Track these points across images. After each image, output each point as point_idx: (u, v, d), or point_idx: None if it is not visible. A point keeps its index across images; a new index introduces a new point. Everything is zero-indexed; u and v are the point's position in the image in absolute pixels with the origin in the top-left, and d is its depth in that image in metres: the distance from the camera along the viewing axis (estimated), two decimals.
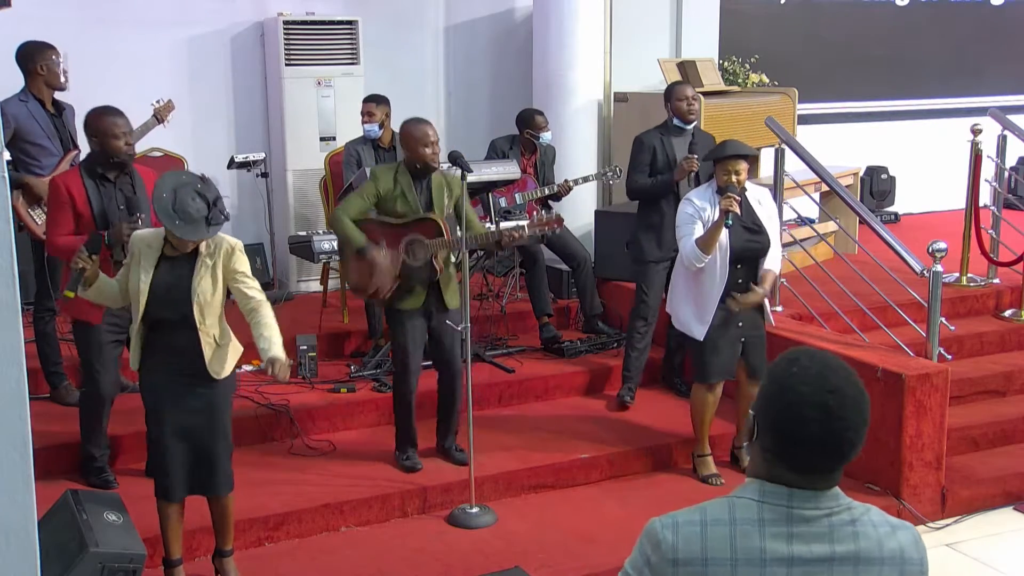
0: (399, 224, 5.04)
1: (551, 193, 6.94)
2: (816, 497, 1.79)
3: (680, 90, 5.99)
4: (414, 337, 5.06)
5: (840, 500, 1.82)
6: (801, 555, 1.77)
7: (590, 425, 5.75)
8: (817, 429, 1.74)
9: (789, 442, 1.77)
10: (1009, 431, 5.86)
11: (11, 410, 2.02)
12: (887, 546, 1.82)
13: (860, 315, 6.10)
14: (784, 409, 1.77)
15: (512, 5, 8.45)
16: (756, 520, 1.78)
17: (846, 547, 1.79)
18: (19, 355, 2.02)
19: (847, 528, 1.80)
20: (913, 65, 10.02)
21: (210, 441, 4.06)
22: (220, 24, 7.56)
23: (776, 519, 1.78)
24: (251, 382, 5.74)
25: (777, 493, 1.79)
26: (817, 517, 1.79)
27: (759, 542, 1.76)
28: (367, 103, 6.55)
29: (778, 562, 1.76)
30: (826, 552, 1.78)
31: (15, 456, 2.03)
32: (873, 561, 1.80)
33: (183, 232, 3.87)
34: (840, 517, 1.80)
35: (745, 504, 1.80)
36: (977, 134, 7.02)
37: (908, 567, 1.83)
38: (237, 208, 7.71)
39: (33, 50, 5.44)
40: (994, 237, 7.23)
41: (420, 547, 4.67)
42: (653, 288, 5.95)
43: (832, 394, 1.76)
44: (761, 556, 1.76)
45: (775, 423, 1.78)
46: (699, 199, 5.05)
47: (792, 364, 1.81)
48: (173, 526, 4.14)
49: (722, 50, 8.65)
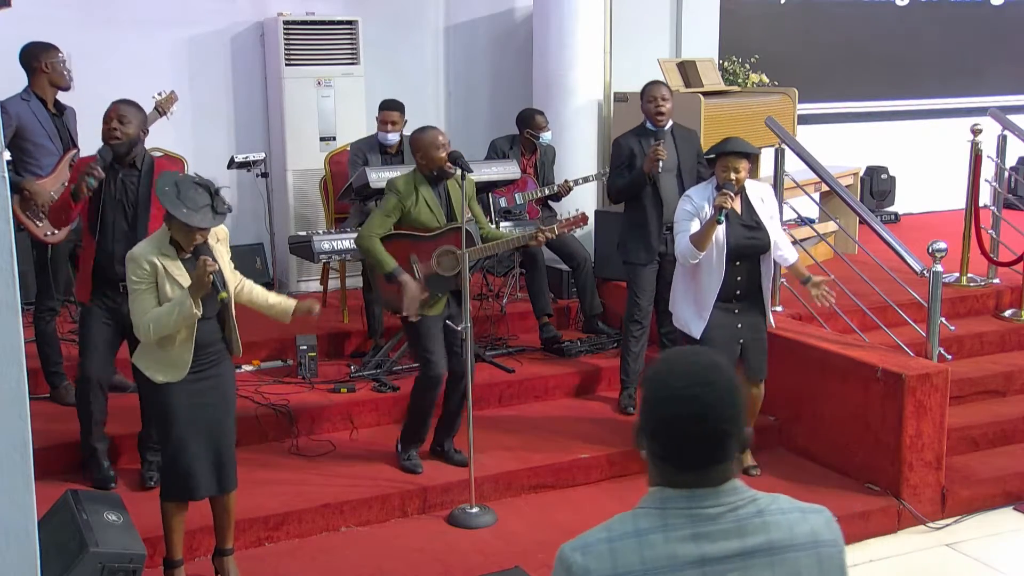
0: (428, 237, 5.05)
1: (551, 193, 6.94)
2: (716, 494, 1.78)
3: (649, 91, 5.93)
4: (440, 343, 5.05)
5: (742, 493, 1.80)
6: (712, 554, 1.75)
7: (590, 425, 5.75)
8: (693, 425, 1.75)
9: (670, 442, 1.77)
10: (1009, 431, 5.86)
11: (11, 410, 2.02)
12: (798, 531, 1.80)
13: (860, 315, 6.10)
14: (659, 408, 1.78)
15: (512, 5, 8.45)
16: (661, 527, 1.76)
17: (757, 539, 1.77)
18: (19, 355, 2.03)
19: (755, 520, 1.78)
20: (913, 65, 10.02)
21: (225, 434, 4.10)
22: (220, 24, 7.56)
23: (680, 523, 1.76)
24: (251, 382, 5.74)
25: (676, 497, 1.78)
26: (721, 513, 1.77)
27: (667, 548, 1.75)
28: (390, 111, 6.51)
29: (689, 565, 1.74)
30: (737, 547, 1.76)
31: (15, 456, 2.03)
32: (787, 548, 1.78)
33: (191, 219, 3.84)
34: (746, 510, 1.79)
35: (647, 513, 1.79)
36: (977, 134, 7.02)
37: (823, 549, 1.81)
38: (237, 208, 7.70)
39: (37, 49, 5.44)
40: (994, 237, 7.23)
41: (420, 547, 4.67)
42: (645, 291, 5.91)
43: (703, 387, 1.76)
44: (671, 562, 1.74)
45: (655, 425, 1.79)
46: (698, 196, 5.04)
47: (662, 363, 1.83)
48: (179, 527, 4.15)
49: (722, 50, 8.64)
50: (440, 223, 5.07)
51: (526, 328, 6.79)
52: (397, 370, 6.04)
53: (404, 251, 5.05)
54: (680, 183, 5.78)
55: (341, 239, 6.14)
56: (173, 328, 3.90)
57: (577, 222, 5.27)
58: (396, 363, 6.07)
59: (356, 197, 6.35)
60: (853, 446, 5.36)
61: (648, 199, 5.83)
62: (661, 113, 5.86)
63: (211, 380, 4.05)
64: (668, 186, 5.78)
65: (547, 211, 7.16)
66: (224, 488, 4.15)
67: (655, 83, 6.03)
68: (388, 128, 6.51)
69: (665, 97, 5.88)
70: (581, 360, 6.42)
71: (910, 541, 5.09)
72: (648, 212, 5.82)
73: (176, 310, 3.85)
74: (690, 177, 5.82)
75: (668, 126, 5.93)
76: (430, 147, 5.01)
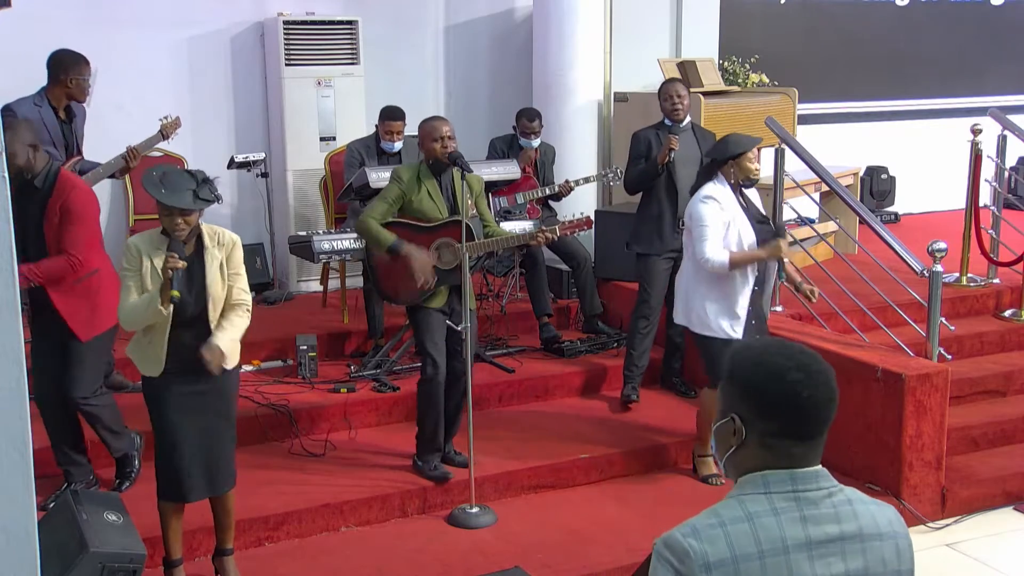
0: (427, 228, 5.03)
1: (552, 193, 6.94)
2: (816, 476, 1.86)
3: (666, 88, 6.00)
4: (441, 337, 5.02)
5: (832, 480, 1.89)
6: (817, 537, 1.83)
7: (590, 425, 5.75)
8: (806, 389, 1.83)
9: (791, 410, 1.84)
10: (1009, 431, 5.87)
11: (11, 410, 2.02)
12: (880, 521, 1.89)
13: (860, 315, 6.10)
14: (776, 382, 1.84)
15: (512, 5, 8.45)
16: (770, 511, 1.83)
17: (850, 525, 1.85)
18: (19, 355, 2.02)
19: (847, 507, 1.87)
20: (913, 65, 10.02)
21: (221, 439, 4.08)
22: (220, 24, 7.55)
23: (787, 506, 1.83)
24: (251, 382, 5.74)
25: (780, 480, 1.85)
26: (821, 498, 1.85)
27: (779, 531, 1.81)
28: (394, 122, 6.50)
29: (799, 547, 1.81)
30: (836, 532, 1.84)
31: (15, 456, 2.02)
32: (874, 537, 1.87)
33: (167, 198, 3.82)
34: (839, 497, 1.87)
35: (754, 499, 1.85)
36: (977, 134, 7.02)
37: (900, 540, 1.91)
38: (237, 208, 7.71)
39: (69, 62, 5.40)
40: (994, 237, 7.23)
41: (420, 547, 4.67)
42: (656, 285, 5.92)
43: (808, 357, 1.87)
44: (784, 544, 1.80)
45: (771, 399, 1.84)
46: (724, 199, 4.91)
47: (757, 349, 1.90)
48: (176, 527, 4.15)
49: (722, 50, 8.65)
50: (442, 215, 5.05)
51: (526, 328, 6.79)
52: (397, 370, 6.04)
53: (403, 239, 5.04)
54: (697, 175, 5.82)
55: (341, 239, 6.15)
56: (144, 322, 3.91)
57: (580, 225, 5.24)
58: (396, 363, 6.07)
59: (356, 197, 6.35)
60: (853, 446, 5.35)
61: (663, 191, 5.88)
62: (678, 109, 5.92)
63: (207, 387, 4.01)
64: (686, 178, 5.75)
65: (547, 211, 7.16)
66: (220, 489, 4.14)
67: (671, 81, 6.12)
68: (393, 138, 6.52)
69: (681, 94, 5.95)
70: (581, 360, 6.42)
71: None
72: (663, 204, 5.87)
73: (146, 305, 3.85)
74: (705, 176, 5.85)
75: (687, 122, 5.99)
76: (427, 137, 5.00)
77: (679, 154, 5.82)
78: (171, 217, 3.86)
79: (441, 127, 4.99)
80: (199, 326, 3.98)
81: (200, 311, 3.98)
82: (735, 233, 4.87)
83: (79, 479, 4.70)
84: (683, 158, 5.84)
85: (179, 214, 3.86)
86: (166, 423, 4.00)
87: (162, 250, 3.92)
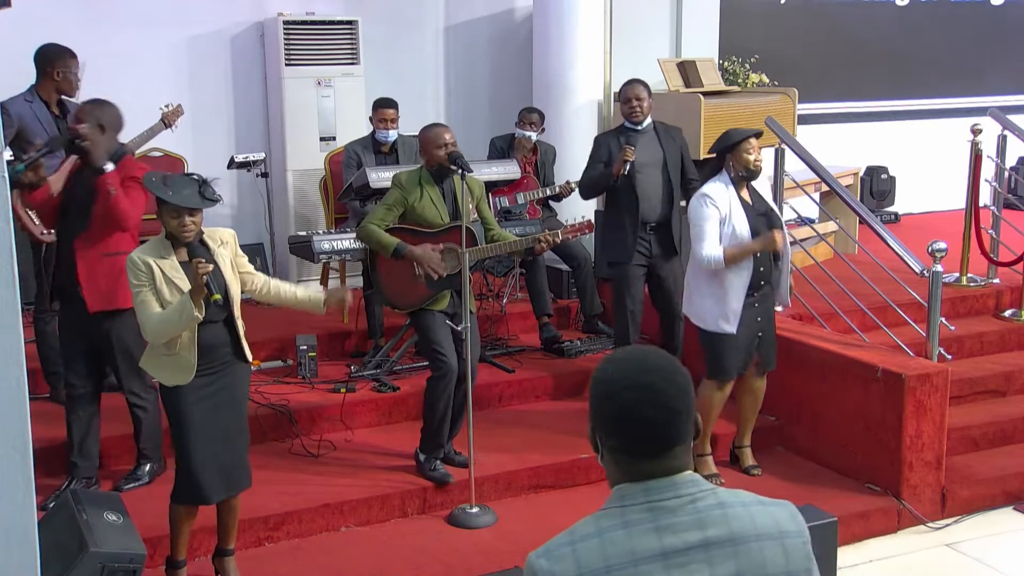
0: (430, 234, 5.03)
1: (552, 194, 6.94)
2: (674, 485, 1.80)
3: (624, 91, 5.93)
4: (448, 336, 5.02)
5: (701, 485, 1.82)
6: (674, 546, 1.77)
7: None
8: (647, 407, 1.78)
9: (627, 428, 1.80)
10: (1009, 431, 5.87)
11: (11, 410, 2.02)
12: (761, 522, 1.81)
13: (860, 315, 6.10)
14: (608, 401, 1.81)
15: (512, 5, 8.45)
16: (621, 524, 1.78)
17: (718, 530, 1.78)
18: (19, 355, 2.02)
19: (715, 512, 1.80)
20: (913, 65, 10.02)
21: (239, 438, 4.11)
22: (220, 24, 7.55)
23: (640, 518, 1.78)
24: (251, 382, 5.70)
25: (634, 492, 1.80)
26: (681, 505, 1.79)
27: (628, 544, 1.77)
28: (387, 109, 6.49)
29: (652, 558, 1.76)
30: (698, 539, 1.77)
31: (15, 456, 2.03)
32: (749, 539, 1.79)
33: (176, 199, 3.82)
34: (706, 502, 1.80)
35: (608, 513, 1.81)
36: (977, 134, 7.01)
37: (788, 540, 1.82)
38: (237, 208, 7.71)
39: (54, 54, 5.39)
40: (994, 237, 7.23)
41: (420, 547, 4.67)
42: (631, 292, 5.84)
43: (648, 373, 1.80)
44: (633, 557, 1.76)
45: (607, 418, 1.82)
46: (718, 196, 4.97)
47: (606, 363, 1.87)
48: (186, 530, 4.16)
49: (722, 50, 8.64)
50: (444, 220, 5.06)
51: (526, 328, 6.79)
52: (397, 370, 6.04)
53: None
54: (666, 177, 5.82)
55: (341, 239, 6.14)
56: (178, 331, 3.89)
57: (582, 229, 5.24)
58: (396, 363, 6.07)
59: (356, 197, 6.35)
60: (853, 446, 5.36)
61: (623, 198, 5.82)
62: (636, 111, 5.84)
63: (223, 384, 4.03)
64: (650, 181, 5.77)
65: (548, 211, 7.16)
66: (234, 491, 4.14)
67: (629, 83, 5.99)
68: (387, 126, 6.50)
69: (640, 96, 5.86)
70: (581, 360, 6.42)
71: (910, 541, 5.09)
72: (622, 212, 5.83)
73: (179, 313, 3.83)
74: (676, 171, 5.86)
75: (648, 123, 5.92)
76: (430, 144, 5.01)
77: (639, 159, 5.75)
78: (179, 218, 3.86)
79: (444, 134, 5.00)
80: (220, 325, 4.00)
81: (223, 313, 4.00)
82: (730, 227, 4.93)
83: (82, 476, 4.71)
84: (643, 163, 5.78)
85: (187, 214, 3.86)
86: (192, 428, 3.98)
87: (168, 256, 3.92)
